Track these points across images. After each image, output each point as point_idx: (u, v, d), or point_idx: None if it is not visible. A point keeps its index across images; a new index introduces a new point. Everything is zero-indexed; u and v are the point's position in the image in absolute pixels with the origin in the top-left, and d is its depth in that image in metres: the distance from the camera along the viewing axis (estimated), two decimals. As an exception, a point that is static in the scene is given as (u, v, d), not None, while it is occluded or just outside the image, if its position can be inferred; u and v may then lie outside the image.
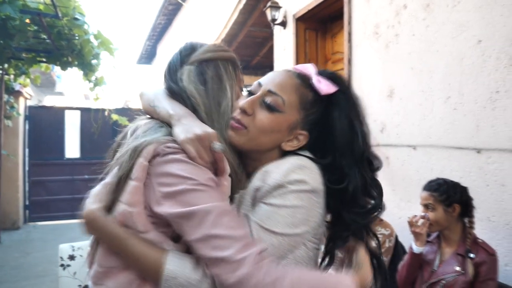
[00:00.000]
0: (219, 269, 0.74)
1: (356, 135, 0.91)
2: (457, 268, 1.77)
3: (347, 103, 0.93)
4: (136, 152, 0.81)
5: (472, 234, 1.85)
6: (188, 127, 0.84)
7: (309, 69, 0.97)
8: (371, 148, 0.96)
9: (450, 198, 1.87)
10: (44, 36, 4.77)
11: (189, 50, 0.98)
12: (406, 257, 1.97)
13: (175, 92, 0.93)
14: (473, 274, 1.74)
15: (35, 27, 4.56)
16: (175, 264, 0.77)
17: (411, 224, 1.89)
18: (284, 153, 0.94)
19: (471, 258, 1.76)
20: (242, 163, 0.93)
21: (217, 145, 0.83)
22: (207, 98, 0.92)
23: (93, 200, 0.87)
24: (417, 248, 1.89)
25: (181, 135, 0.83)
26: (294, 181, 0.82)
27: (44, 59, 5.47)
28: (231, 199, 0.89)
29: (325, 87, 0.92)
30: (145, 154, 0.81)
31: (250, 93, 0.95)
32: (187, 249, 0.82)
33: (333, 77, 0.96)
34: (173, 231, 0.83)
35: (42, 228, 6.80)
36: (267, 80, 0.95)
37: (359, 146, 0.91)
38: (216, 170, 0.84)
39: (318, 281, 0.79)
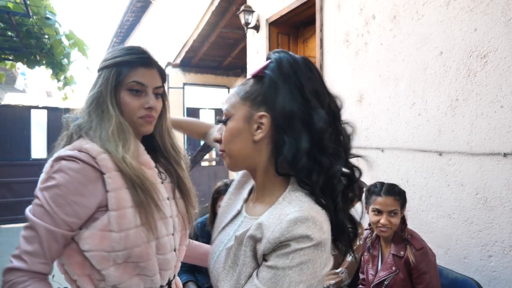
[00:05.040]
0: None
1: (287, 101, 0.81)
2: (393, 268, 1.82)
3: (278, 71, 0.83)
4: None
5: (408, 230, 1.90)
6: None
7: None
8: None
9: (405, 200, 1.92)
10: (11, 34, 4.65)
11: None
12: None
13: None
14: (407, 271, 1.78)
15: (2, 25, 4.45)
16: None
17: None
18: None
19: (401, 257, 1.80)
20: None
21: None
22: (88, 108, 1.05)
23: None
24: None
25: None
26: (297, 238, 0.74)
27: (9, 57, 5.32)
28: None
29: (257, 67, 0.86)
30: None
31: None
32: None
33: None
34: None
35: (7, 231, 6.59)
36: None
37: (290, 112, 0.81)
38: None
39: None
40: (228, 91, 9.02)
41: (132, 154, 1.01)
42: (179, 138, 1.27)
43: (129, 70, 1.05)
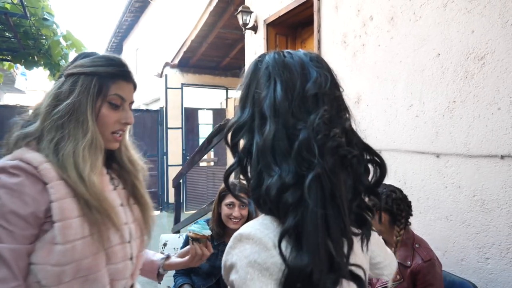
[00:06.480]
0: None
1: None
2: (398, 276, 1.76)
3: None
4: None
5: (398, 244, 1.82)
6: None
7: None
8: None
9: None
10: (9, 35, 4.65)
11: (73, 60, 1.03)
12: None
13: None
14: (412, 281, 1.74)
15: (0, 26, 4.44)
16: None
17: None
18: None
19: (407, 267, 1.75)
20: None
21: None
22: (61, 118, 0.96)
23: None
24: None
25: None
26: (230, 267, 0.61)
27: (7, 58, 5.32)
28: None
29: None
30: None
31: None
32: None
33: None
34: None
35: (5, 232, 6.58)
36: None
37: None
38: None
39: None
40: (227, 91, 9.02)
41: (97, 172, 0.97)
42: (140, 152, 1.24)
43: (112, 82, 1.02)
